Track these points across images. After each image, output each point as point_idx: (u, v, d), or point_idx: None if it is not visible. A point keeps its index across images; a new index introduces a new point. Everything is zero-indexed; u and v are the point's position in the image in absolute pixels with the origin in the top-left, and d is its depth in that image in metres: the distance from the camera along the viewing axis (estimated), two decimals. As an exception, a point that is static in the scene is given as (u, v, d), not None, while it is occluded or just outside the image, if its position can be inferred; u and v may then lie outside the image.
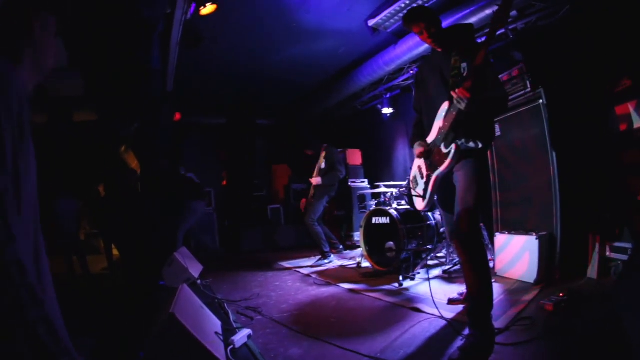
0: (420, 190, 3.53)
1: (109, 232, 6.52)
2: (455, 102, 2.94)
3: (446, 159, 3.15)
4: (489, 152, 5.50)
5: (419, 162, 3.55)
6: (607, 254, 4.30)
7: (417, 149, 3.44)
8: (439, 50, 3.34)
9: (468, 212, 2.92)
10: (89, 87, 4.72)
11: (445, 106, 3.15)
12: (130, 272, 5.73)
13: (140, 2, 4.35)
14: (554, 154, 4.78)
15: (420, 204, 3.55)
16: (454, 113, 3.01)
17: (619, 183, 4.35)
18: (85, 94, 4.73)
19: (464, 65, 3.06)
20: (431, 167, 3.35)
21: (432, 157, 3.34)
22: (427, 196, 3.41)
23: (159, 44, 4.80)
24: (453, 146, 3.09)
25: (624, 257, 4.11)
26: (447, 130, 3.11)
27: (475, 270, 2.91)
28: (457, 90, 2.88)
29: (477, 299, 2.91)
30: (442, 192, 3.48)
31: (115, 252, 6.78)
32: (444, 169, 3.19)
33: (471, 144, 3.09)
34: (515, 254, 4.79)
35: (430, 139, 3.35)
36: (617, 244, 4.23)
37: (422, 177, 3.49)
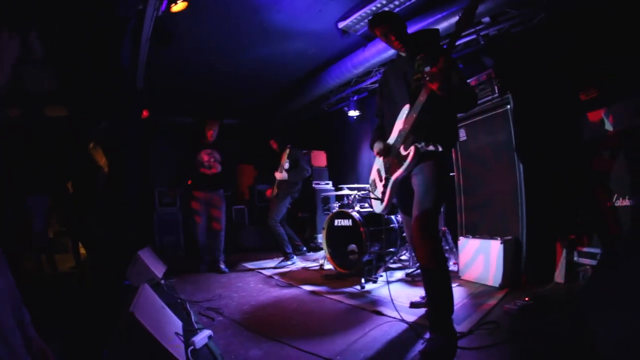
0: (378, 193, 3.54)
1: (76, 230, 6.38)
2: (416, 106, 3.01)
3: (404, 160, 3.17)
4: (456, 156, 5.62)
5: (378, 165, 3.59)
6: (575, 258, 4.38)
7: (377, 146, 3.49)
8: (404, 54, 3.39)
9: (425, 216, 2.94)
10: (60, 82, 4.61)
11: (406, 108, 3.18)
12: (96, 271, 5.62)
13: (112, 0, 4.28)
14: (520, 160, 4.85)
15: (378, 207, 3.55)
16: (414, 115, 3.04)
17: (589, 189, 4.43)
18: (58, 88, 4.61)
19: (427, 68, 3.07)
20: (389, 170, 3.37)
21: (390, 159, 3.36)
22: (386, 199, 3.42)
23: (129, 40, 4.71)
24: (412, 148, 3.11)
25: (593, 262, 4.20)
26: (407, 131, 3.14)
27: (434, 274, 2.94)
28: (429, 70, 2.91)
29: (436, 303, 2.93)
30: (402, 195, 3.52)
31: (82, 250, 6.64)
32: (402, 171, 3.21)
33: (430, 147, 3.12)
34: (480, 258, 4.84)
35: (390, 140, 3.38)
36: (585, 249, 4.32)
37: (381, 180, 3.51)
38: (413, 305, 4.05)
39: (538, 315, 3.44)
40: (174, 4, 4.64)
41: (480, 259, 4.85)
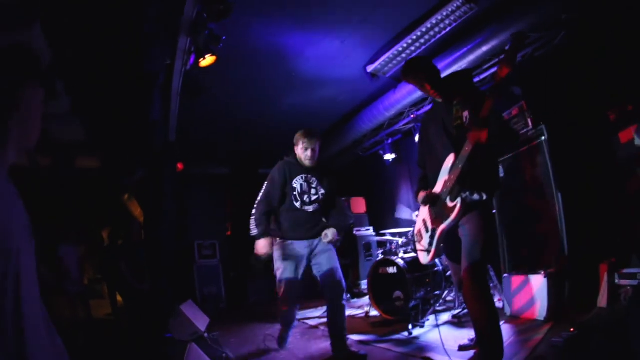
0: (425, 243, 3.46)
1: (113, 279, 6.45)
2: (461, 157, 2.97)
3: (452, 212, 3.09)
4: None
5: (424, 216, 3.50)
6: (617, 281, 4.21)
7: (422, 196, 3.42)
8: (440, 100, 3.35)
9: (475, 267, 2.96)
10: (91, 134, 4.74)
11: (450, 159, 3.12)
12: (135, 321, 5.64)
13: (141, 55, 4.41)
14: (559, 190, 4.76)
15: (425, 259, 3.48)
16: (460, 166, 2.99)
17: (626, 209, 4.31)
18: (86, 139, 4.74)
19: (465, 114, 3.07)
20: (436, 221, 3.29)
21: (437, 210, 3.29)
22: (433, 249, 3.35)
23: (159, 94, 4.83)
24: (459, 200, 3.05)
25: (634, 282, 4.03)
26: (453, 183, 3.07)
27: (483, 322, 2.95)
28: (470, 134, 2.88)
29: (487, 349, 2.93)
30: (449, 244, 3.42)
31: (119, 298, 6.70)
32: (449, 223, 3.14)
33: (476, 196, 3.07)
34: (524, 293, 4.73)
35: (435, 190, 3.31)
36: (625, 271, 4.15)
37: (427, 231, 3.43)
38: (462, 348, 3.90)
39: (584, 345, 3.29)
40: (202, 59, 4.74)
41: (524, 294, 4.74)
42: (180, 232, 9.44)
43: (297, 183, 4.33)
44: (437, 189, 3.27)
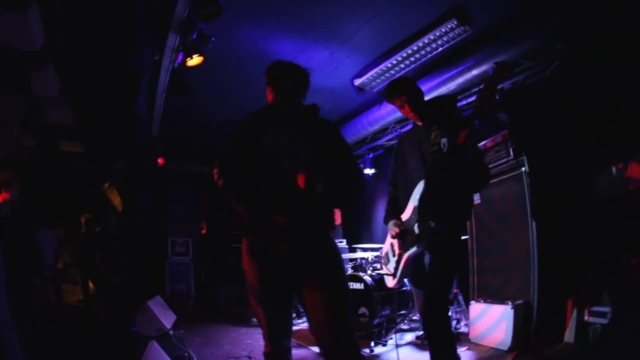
0: (391, 267, 3.42)
1: (87, 267, 6.41)
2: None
3: (418, 241, 3.07)
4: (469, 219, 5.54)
5: (392, 240, 3.43)
6: (586, 318, 4.25)
7: (392, 229, 3.31)
8: (420, 124, 3.28)
9: (435, 300, 2.96)
10: (77, 120, 4.74)
11: (421, 184, 3.07)
12: (105, 312, 5.62)
13: (128, 50, 4.42)
14: (534, 223, 4.79)
15: (390, 282, 3.44)
16: (429, 193, 2.99)
17: (606, 245, 4.35)
18: (73, 124, 4.74)
19: (443, 140, 2.99)
20: (403, 247, 3.24)
21: (405, 237, 3.25)
22: (398, 274, 3.31)
23: (145, 89, 4.84)
24: (424, 229, 3.03)
25: (603, 321, 4.06)
26: (421, 210, 3.05)
27: (440, 349, 2.96)
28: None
29: None
30: (413, 269, 3.33)
31: (91, 285, 6.65)
32: (415, 250, 3.11)
33: (443, 226, 3.03)
34: (490, 323, 4.75)
35: (404, 216, 3.25)
36: (595, 308, 4.19)
37: (394, 255, 3.38)
38: None
39: None
40: (189, 59, 4.75)
41: (490, 322, 4.75)
42: (156, 227, 9.42)
43: None
44: (406, 213, 3.23)
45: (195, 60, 4.82)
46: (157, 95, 5.13)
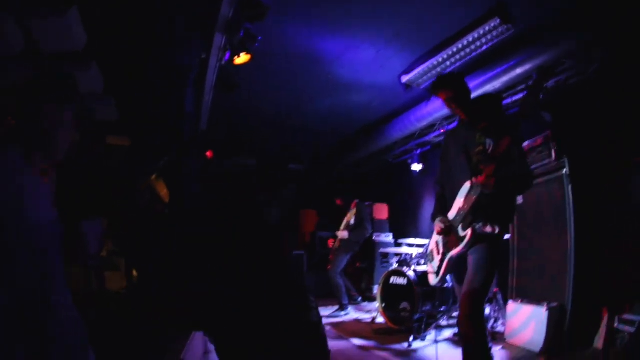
0: (435, 266, 3.48)
1: (132, 255, 6.63)
2: (476, 186, 2.97)
3: (461, 242, 3.13)
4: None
5: (437, 238, 3.49)
6: (617, 325, 4.14)
7: (438, 225, 3.37)
8: (465, 119, 3.32)
9: (471, 296, 2.97)
10: (124, 116, 4.93)
11: (467, 185, 3.11)
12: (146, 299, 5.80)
13: (175, 49, 4.56)
14: (573, 226, 4.71)
15: (434, 280, 3.51)
16: (474, 197, 3.00)
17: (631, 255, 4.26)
18: (119, 119, 4.93)
19: (488, 141, 3.02)
20: (447, 247, 3.31)
21: (449, 236, 3.30)
22: (441, 273, 3.38)
23: (193, 87, 4.98)
24: (469, 231, 3.07)
25: (631, 329, 3.95)
26: (466, 212, 3.09)
27: (473, 351, 2.98)
28: (479, 178, 2.91)
29: None
30: (456, 266, 3.40)
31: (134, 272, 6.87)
32: (459, 250, 3.16)
33: (488, 229, 3.05)
34: (525, 323, 4.73)
35: (450, 215, 3.30)
36: (626, 316, 4.07)
37: (438, 254, 3.44)
38: None
39: None
40: (237, 57, 4.84)
41: (526, 324, 4.72)
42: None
43: None
44: (452, 213, 3.27)
45: (242, 58, 4.90)
46: (204, 93, 5.28)
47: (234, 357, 2.07)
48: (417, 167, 9.00)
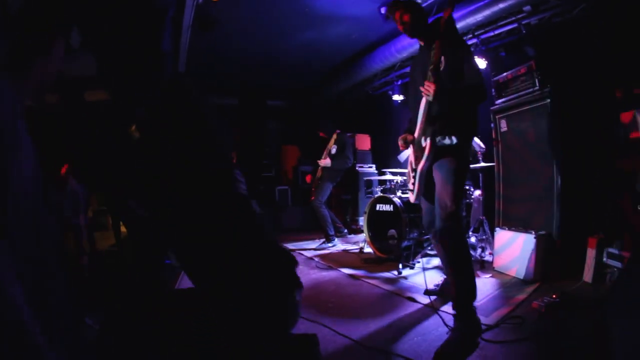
0: (410, 184, 3.56)
1: (118, 209, 6.58)
2: (425, 95, 3.08)
3: (424, 151, 3.20)
4: (497, 146, 5.55)
5: (411, 157, 3.56)
6: (604, 259, 4.24)
7: (400, 139, 3.51)
8: (423, 44, 3.40)
9: (444, 212, 3.06)
10: (101, 67, 4.78)
11: (424, 101, 3.20)
12: (138, 249, 5.83)
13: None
14: (556, 155, 4.80)
15: (411, 198, 3.58)
16: (428, 108, 3.14)
17: (615, 190, 4.35)
18: (97, 74, 4.79)
19: (442, 58, 3.13)
20: (417, 161, 3.38)
21: (416, 151, 3.40)
22: (415, 189, 3.44)
23: (170, 27, 4.83)
24: (428, 141, 3.17)
25: (620, 265, 4.07)
26: (425, 124, 3.20)
27: (454, 266, 3.09)
28: (425, 83, 3.01)
29: (458, 294, 3.04)
30: (425, 183, 3.46)
31: (123, 229, 6.86)
32: (424, 162, 3.24)
33: (446, 140, 3.15)
34: (514, 250, 4.79)
35: (417, 134, 3.37)
36: (612, 250, 4.17)
37: (413, 171, 3.50)
38: (427, 292, 4.12)
39: (563, 315, 3.40)
40: (213, -8, 4.71)
41: (513, 251, 4.80)
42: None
43: None
44: (417, 131, 3.35)
45: (218, -7, 4.77)
46: (182, 33, 5.13)
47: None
48: (398, 97, 8.95)
